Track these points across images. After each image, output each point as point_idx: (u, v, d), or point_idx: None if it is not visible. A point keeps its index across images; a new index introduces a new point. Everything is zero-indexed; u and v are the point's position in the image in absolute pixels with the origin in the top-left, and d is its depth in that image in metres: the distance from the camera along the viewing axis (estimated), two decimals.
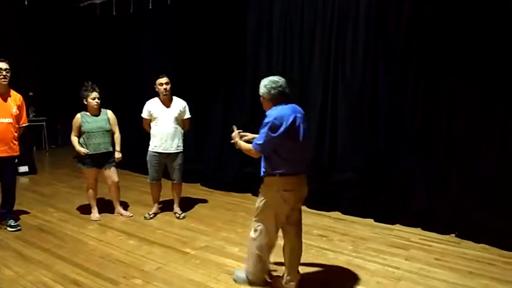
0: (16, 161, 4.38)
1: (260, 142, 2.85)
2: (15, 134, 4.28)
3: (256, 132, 2.99)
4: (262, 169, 3.00)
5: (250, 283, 3.17)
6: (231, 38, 6.35)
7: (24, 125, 4.45)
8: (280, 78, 3.00)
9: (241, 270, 3.27)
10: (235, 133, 3.17)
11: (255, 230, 3.05)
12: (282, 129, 2.80)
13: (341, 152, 5.36)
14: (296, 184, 2.94)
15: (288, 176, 2.88)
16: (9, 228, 4.35)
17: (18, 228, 4.37)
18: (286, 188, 2.89)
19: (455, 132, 4.52)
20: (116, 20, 8.15)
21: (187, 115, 4.81)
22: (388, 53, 4.88)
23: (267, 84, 2.96)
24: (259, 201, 3.02)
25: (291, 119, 2.84)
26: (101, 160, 4.64)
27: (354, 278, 3.33)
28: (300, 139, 2.91)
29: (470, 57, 4.33)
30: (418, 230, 4.43)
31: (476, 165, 4.34)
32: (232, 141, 3.19)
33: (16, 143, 4.30)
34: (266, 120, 2.84)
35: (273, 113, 2.86)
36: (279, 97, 2.94)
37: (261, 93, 3.00)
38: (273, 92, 2.93)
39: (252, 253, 3.09)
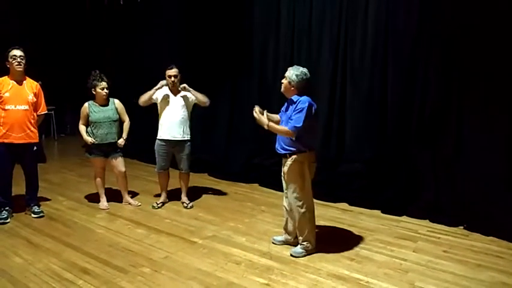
0: (35, 148, 4.41)
1: (299, 125, 3.26)
2: (33, 121, 4.31)
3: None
4: (288, 147, 3.42)
5: (308, 253, 3.56)
6: (238, 29, 6.31)
7: (43, 112, 4.49)
8: (307, 72, 3.45)
9: (296, 248, 3.60)
10: (265, 116, 3.46)
11: (301, 207, 3.47)
12: (313, 112, 3.35)
13: (349, 144, 5.33)
14: (316, 157, 3.54)
15: (313, 151, 3.49)
16: (33, 215, 4.42)
17: (42, 214, 4.43)
18: (314, 160, 3.51)
19: (464, 124, 4.46)
20: (123, 9, 8.12)
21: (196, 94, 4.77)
22: (398, 44, 4.81)
23: (299, 74, 3.39)
24: (296, 179, 3.44)
25: (315, 105, 3.41)
26: (107, 150, 4.66)
27: (361, 269, 3.33)
28: (318, 121, 3.59)
29: (480, 49, 4.26)
30: (426, 222, 4.41)
31: (486, 158, 4.29)
32: (257, 119, 3.47)
33: (34, 130, 4.33)
34: (302, 105, 3.29)
35: (305, 99, 3.34)
36: (305, 86, 3.42)
37: (290, 80, 3.40)
38: (302, 82, 3.39)
39: (307, 227, 3.53)
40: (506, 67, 4.12)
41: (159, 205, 4.84)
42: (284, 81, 3.47)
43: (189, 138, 4.76)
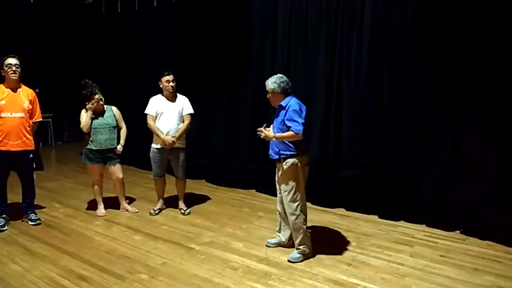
0: (31, 156, 4.41)
1: (301, 127, 3.33)
2: (29, 129, 4.32)
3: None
4: (281, 151, 3.47)
5: (306, 257, 3.57)
6: (235, 36, 6.35)
7: (38, 120, 4.49)
8: (282, 75, 3.59)
9: (292, 253, 3.59)
10: (270, 131, 3.51)
11: (295, 210, 3.50)
12: (304, 114, 3.44)
13: (346, 149, 5.35)
14: (309, 160, 3.62)
15: (306, 154, 3.56)
16: (30, 222, 4.41)
17: (39, 222, 4.43)
18: (306, 162, 3.56)
19: (460, 128, 4.49)
20: (121, 17, 8.17)
21: (188, 111, 4.76)
22: (393, 49, 4.85)
23: (276, 80, 3.51)
24: (290, 182, 3.47)
25: (304, 106, 3.51)
26: (106, 156, 4.67)
27: (358, 274, 3.34)
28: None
29: (476, 53, 4.30)
30: (423, 227, 4.42)
31: (482, 162, 4.32)
32: (264, 136, 3.49)
33: (30, 137, 4.34)
34: (294, 108, 3.38)
35: (293, 102, 3.45)
36: (288, 89, 3.52)
37: (271, 89, 3.51)
38: (282, 85, 3.50)
39: (302, 230, 3.56)
40: (501, 70, 4.15)
41: (156, 211, 4.84)
42: (269, 95, 3.56)
43: (184, 146, 4.77)
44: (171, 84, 4.59)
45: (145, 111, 4.67)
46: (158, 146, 4.67)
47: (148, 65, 7.52)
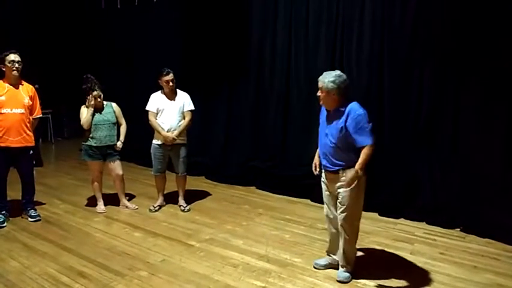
0: (31, 152, 4.40)
1: (370, 137, 2.97)
2: (29, 125, 4.31)
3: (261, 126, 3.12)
4: (348, 162, 3.03)
5: (351, 274, 3.21)
6: (235, 34, 6.31)
7: (38, 116, 4.49)
8: (341, 73, 3.03)
9: (340, 271, 3.23)
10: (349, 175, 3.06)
11: (352, 223, 3.11)
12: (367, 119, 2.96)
13: None
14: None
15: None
16: (30, 219, 4.41)
17: (38, 218, 4.43)
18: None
19: (460, 126, 4.48)
20: (120, 13, 8.13)
21: (188, 107, 4.77)
22: (394, 47, 4.83)
23: (334, 79, 2.94)
24: (351, 192, 3.02)
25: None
26: (105, 152, 4.66)
27: (358, 271, 3.34)
28: None
29: (476, 52, 4.28)
30: (423, 224, 4.43)
31: (482, 160, 4.31)
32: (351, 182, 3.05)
33: (30, 134, 4.33)
34: (358, 113, 2.92)
35: (357, 107, 2.96)
36: (348, 90, 2.96)
37: (328, 90, 2.95)
38: (342, 86, 2.94)
39: (353, 246, 3.20)
40: (502, 67, 4.13)
41: (156, 208, 4.84)
42: (320, 93, 3.01)
43: (185, 142, 4.77)
44: (171, 84, 4.59)
45: (146, 108, 4.68)
46: (159, 142, 4.67)
47: (148, 60, 7.48)
